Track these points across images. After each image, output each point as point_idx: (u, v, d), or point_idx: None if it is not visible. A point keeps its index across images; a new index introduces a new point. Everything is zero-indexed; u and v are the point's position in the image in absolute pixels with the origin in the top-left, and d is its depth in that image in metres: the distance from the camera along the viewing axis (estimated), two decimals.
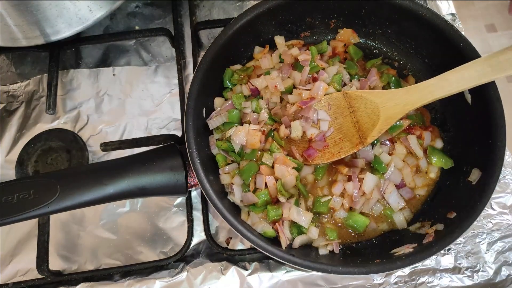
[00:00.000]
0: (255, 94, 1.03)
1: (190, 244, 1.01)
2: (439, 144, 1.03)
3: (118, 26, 1.28)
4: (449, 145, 1.03)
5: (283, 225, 0.92)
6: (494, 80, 0.88)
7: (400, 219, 0.96)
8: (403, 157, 1.00)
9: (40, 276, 1.00)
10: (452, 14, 1.23)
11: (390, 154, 0.99)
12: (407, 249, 0.87)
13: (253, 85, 1.02)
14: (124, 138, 1.15)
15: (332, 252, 0.92)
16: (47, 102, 1.12)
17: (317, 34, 1.14)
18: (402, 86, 1.05)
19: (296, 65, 1.04)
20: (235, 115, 1.00)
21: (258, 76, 1.05)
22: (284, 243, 0.90)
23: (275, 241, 0.92)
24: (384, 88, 1.06)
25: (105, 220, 1.07)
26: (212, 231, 1.04)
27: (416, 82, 1.08)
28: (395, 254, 0.87)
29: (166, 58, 1.24)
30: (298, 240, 0.92)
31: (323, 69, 1.04)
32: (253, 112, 1.00)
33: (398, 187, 0.98)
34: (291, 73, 1.03)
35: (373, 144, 0.98)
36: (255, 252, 0.99)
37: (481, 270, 0.97)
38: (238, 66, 1.08)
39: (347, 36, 1.11)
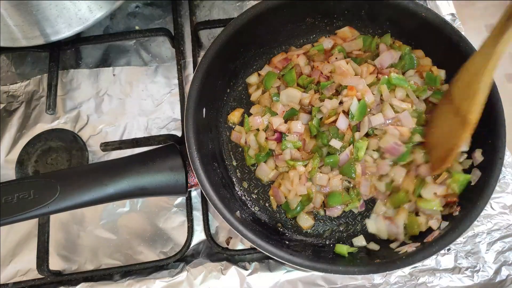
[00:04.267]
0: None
1: (190, 244, 1.01)
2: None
3: (118, 26, 1.28)
4: None
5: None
6: (494, 80, 0.88)
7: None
8: None
9: (40, 276, 1.00)
10: (452, 14, 1.23)
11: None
12: (409, 247, 0.87)
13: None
14: (124, 138, 1.15)
15: (332, 252, 0.92)
16: (47, 102, 1.12)
17: (317, 34, 1.14)
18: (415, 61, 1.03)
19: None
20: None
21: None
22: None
23: (275, 241, 0.92)
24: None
25: (105, 220, 1.07)
26: (212, 231, 1.04)
27: None
28: (397, 252, 0.87)
29: (166, 58, 1.24)
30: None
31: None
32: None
33: None
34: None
35: None
36: (255, 252, 0.99)
37: (481, 270, 0.97)
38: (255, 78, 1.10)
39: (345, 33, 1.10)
